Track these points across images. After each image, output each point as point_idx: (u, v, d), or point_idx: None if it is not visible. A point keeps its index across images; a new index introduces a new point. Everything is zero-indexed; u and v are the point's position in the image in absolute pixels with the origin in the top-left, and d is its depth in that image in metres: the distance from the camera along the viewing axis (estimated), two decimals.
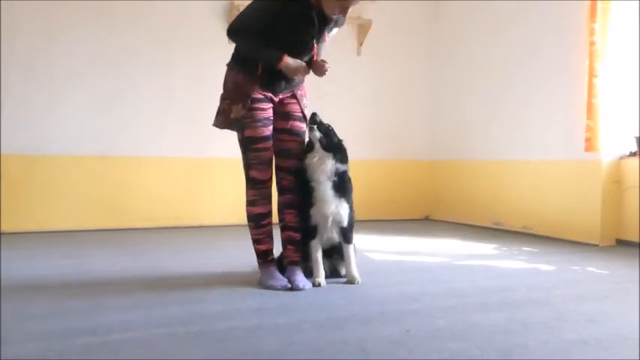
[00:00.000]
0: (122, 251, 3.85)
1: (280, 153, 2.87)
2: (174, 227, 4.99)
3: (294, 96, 2.89)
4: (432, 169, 6.10)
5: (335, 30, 2.87)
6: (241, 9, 5.19)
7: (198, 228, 5.06)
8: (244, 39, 2.70)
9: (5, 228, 4.52)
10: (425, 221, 5.94)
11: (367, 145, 5.83)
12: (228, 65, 2.84)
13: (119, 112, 4.95)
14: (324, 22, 2.75)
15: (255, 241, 2.85)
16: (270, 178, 2.84)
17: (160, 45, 5.06)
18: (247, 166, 2.80)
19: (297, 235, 2.88)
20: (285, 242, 2.91)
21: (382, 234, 4.84)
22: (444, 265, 3.53)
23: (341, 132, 2.99)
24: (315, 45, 2.77)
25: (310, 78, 2.94)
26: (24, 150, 4.65)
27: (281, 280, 2.77)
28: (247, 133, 2.76)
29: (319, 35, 2.77)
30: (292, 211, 2.87)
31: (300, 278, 2.80)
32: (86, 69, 4.84)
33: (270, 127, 2.81)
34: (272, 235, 2.88)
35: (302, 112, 2.91)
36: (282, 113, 2.86)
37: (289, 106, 2.87)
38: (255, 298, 2.60)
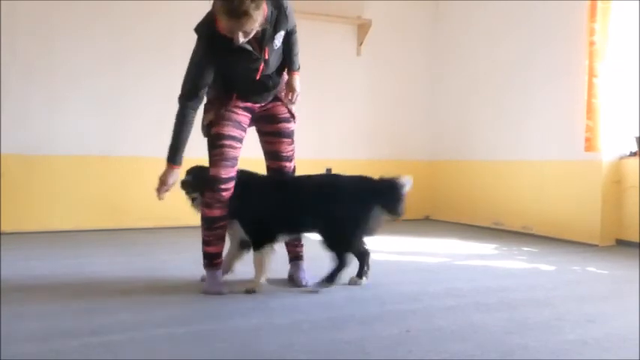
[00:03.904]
0: (122, 251, 3.85)
1: (270, 155, 2.85)
2: (174, 227, 4.99)
3: (277, 98, 2.82)
4: (432, 169, 6.10)
5: (279, 34, 2.60)
6: None
7: (198, 228, 5.05)
8: (186, 111, 2.60)
9: (5, 228, 4.52)
10: (425, 221, 5.94)
11: (367, 145, 5.84)
12: (179, 103, 2.73)
13: (119, 112, 4.95)
14: (259, 40, 2.54)
15: (205, 242, 2.75)
16: (231, 180, 2.69)
17: (160, 45, 5.06)
18: (212, 163, 2.66)
19: None
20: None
21: (382, 234, 4.83)
22: (444, 265, 3.54)
23: (341, 132, 3.00)
24: (262, 64, 2.61)
25: (311, 77, 2.93)
26: (24, 150, 4.65)
27: (220, 285, 2.69)
28: (214, 129, 2.67)
29: (261, 53, 2.57)
30: None
31: (303, 275, 2.80)
32: (86, 69, 4.84)
33: (241, 132, 2.70)
34: (223, 238, 2.77)
35: (289, 111, 2.85)
36: (267, 117, 2.81)
37: (274, 108, 2.81)
38: (255, 298, 2.60)
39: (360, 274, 2.90)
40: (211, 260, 2.76)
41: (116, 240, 4.32)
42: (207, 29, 2.49)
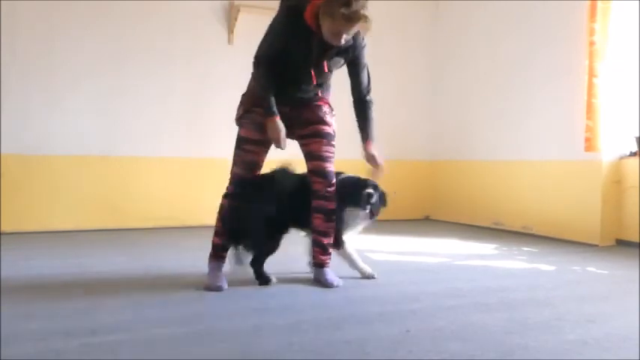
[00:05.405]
0: (122, 251, 3.85)
1: (307, 156, 2.90)
2: (174, 227, 4.99)
3: (312, 102, 2.89)
4: (432, 169, 6.10)
5: (339, 61, 2.82)
6: (241, 9, 5.21)
7: (198, 228, 5.05)
8: (263, 70, 2.70)
9: (5, 228, 4.52)
10: (425, 221, 5.94)
11: None
12: (253, 65, 2.83)
13: (119, 112, 4.95)
14: (324, 51, 2.70)
15: (215, 233, 2.86)
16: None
17: (159, 45, 5.06)
18: (233, 162, 2.85)
19: (324, 239, 2.88)
20: (312, 245, 2.92)
21: (382, 234, 4.84)
22: (444, 265, 3.53)
23: (341, 132, 3.01)
24: (313, 73, 2.77)
25: None
26: (24, 150, 4.65)
27: (219, 280, 2.74)
28: (241, 132, 2.84)
29: (317, 64, 2.75)
30: (320, 215, 2.85)
31: (328, 277, 2.83)
32: (86, 69, 4.83)
33: (264, 135, 2.79)
34: None
35: (322, 116, 2.90)
36: (301, 121, 2.87)
37: (307, 113, 2.88)
38: (255, 298, 2.60)
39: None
40: (217, 252, 2.82)
41: (116, 240, 4.32)
42: (296, 12, 2.61)
